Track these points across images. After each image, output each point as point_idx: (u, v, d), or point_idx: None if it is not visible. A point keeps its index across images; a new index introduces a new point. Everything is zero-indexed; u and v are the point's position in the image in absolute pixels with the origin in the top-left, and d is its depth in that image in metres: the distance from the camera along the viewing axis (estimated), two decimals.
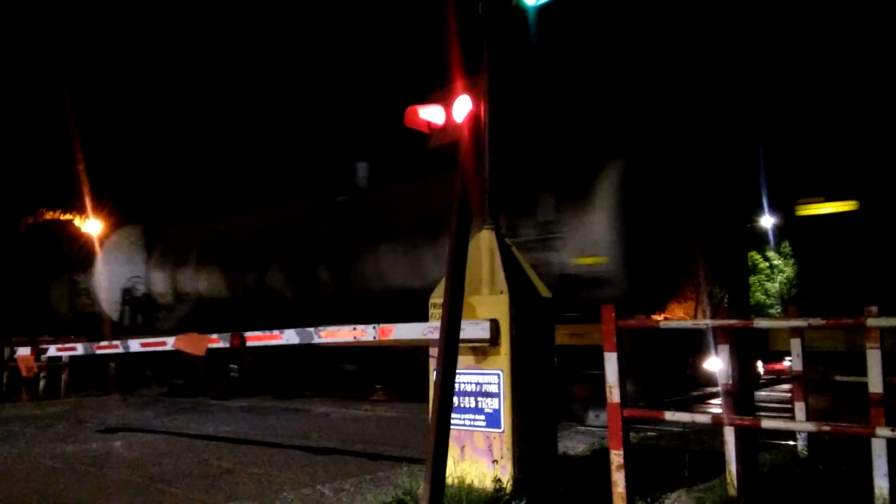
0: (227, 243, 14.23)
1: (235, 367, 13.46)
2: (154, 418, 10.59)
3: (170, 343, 7.62)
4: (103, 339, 13.31)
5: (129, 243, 16.18)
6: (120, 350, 8.56)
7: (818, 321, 3.87)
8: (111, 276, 15.92)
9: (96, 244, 16.86)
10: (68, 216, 34.19)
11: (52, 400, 13.45)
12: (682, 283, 9.51)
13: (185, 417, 10.64)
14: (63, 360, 13.72)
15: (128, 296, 15.72)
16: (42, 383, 13.90)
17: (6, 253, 21.24)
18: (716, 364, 5.10)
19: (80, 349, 9.11)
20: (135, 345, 8.45)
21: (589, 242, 9.04)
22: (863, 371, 4.72)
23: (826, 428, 3.81)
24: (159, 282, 15.47)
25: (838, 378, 6.85)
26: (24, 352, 9.81)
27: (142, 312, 15.73)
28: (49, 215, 34.26)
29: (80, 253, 17.88)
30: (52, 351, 9.79)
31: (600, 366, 4.32)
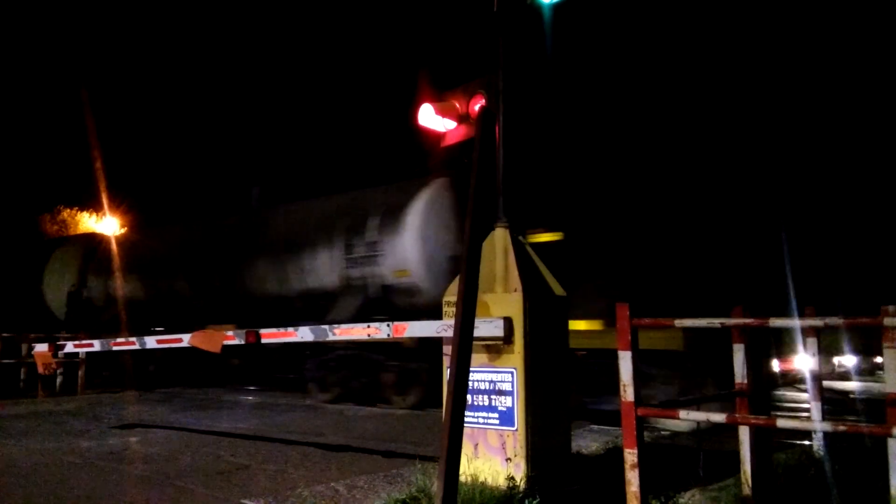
0: (146, 254, 16.54)
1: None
2: (170, 414, 10.67)
3: (186, 340, 7.68)
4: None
5: (69, 256, 18.66)
6: (136, 347, 8.61)
7: (836, 320, 3.85)
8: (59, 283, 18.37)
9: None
10: (84, 214, 34.52)
11: (69, 396, 13.59)
12: None
13: (200, 414, 10.72)
14: (80, 356, 13.84)
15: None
16: (59, 380, 14.03)
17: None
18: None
19: (97, 345, 9.19)
20: (151, 342, 8.51)
21: (400, 259, 11.26)
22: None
23: (842, 427, 3.78)
24: (94, 287, 17.79)
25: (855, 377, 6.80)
26: (41, 348, 9.89)
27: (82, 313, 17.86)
28: (66, 212, 34.63)
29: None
30: (70, 347, 9.86)
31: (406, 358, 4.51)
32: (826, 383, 7.13)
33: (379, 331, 5.99)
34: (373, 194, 12.29)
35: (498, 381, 5.35)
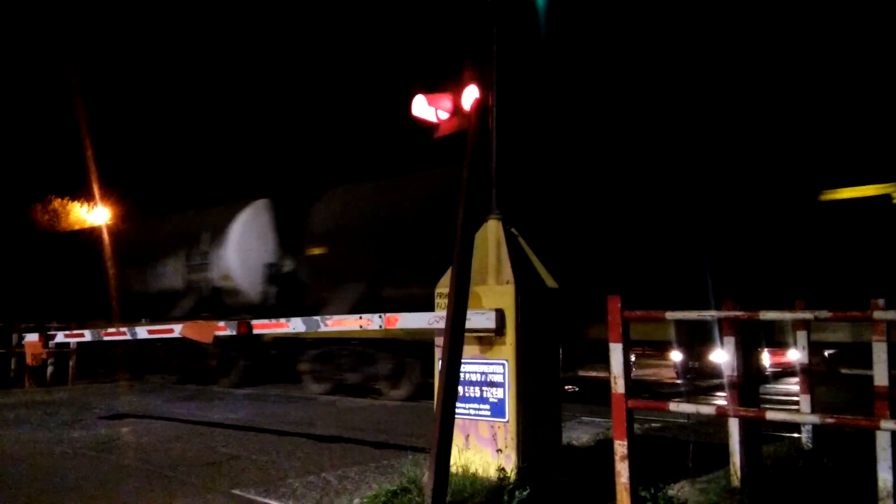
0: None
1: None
2: (161, 405, 10.66)
3: (177, 330, 7.65)
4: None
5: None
6: (127, 337, 8.59)
7: (825, 314, 3.86)
8: None
9: None
10: (75, 204, 34.33)
11: (60, 386, 13.55)
12: None
13: (191, 404, 10.71)
14: (71, 346, 13.80)
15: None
16: (50, 370, 13.99)
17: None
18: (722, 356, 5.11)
19: (87, 336, 9.15)
20: (142, 332, 8.49)
21: (224, 266, 13.89)
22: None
23: (830, 420, 3.80)
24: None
25: (844, 371, 6.85)
26: (32, 338, 9.85)
27: None
28: (57, 202, 34.43)
29: None
30: (60, 337, 9.81)
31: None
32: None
33: (371, 322, 5.98)
34: (207, 213, 15.14)
35: (489, 372, 5.35)
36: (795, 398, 7.06)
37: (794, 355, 6.75)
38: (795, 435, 6.71)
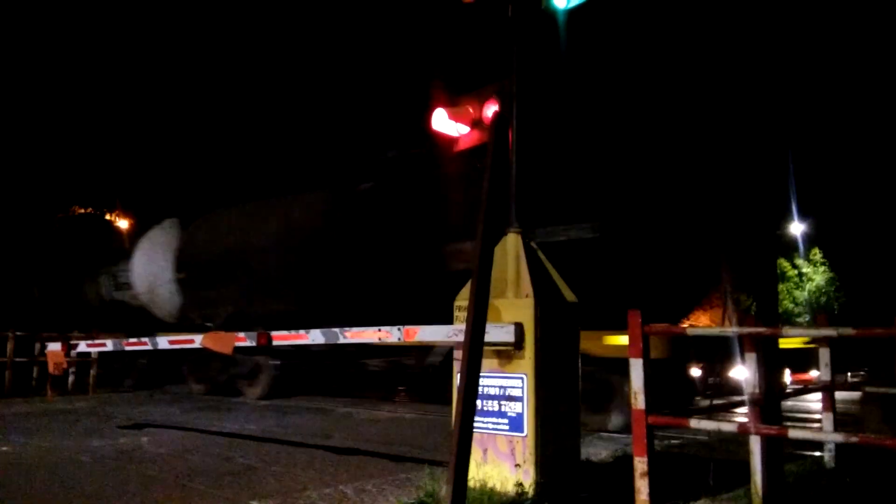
0: None
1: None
2: (180, 415, 10.71)
3: (198, 341, 7.70)
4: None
5: None
6: (149, 347, 8.65)
7: (848, 331, 3.82)
8: None
9: None
10: (99, 214, 34.75)
11: (81, 395, 13.66)
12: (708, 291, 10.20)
13: (210, 415, 10.76)
14: (92, 355, 13.91)
15: None
16: (71, 379, 14.11)
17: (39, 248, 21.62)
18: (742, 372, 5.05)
19: (109, 345, 9.24)
20: (163, 342, 8.56)
21: (129, 279, 15.94)
22: None
23: (854, 439, 3.75)
24: None
25: (868, 389, 6.75)
26: (54, 347, 9.95)
27: None
28: (81, 214, 34.82)
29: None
30: (82, 347, 9.91)
31: None
32: (839, 395, 7.08)
33: (390, 334, 5.99)
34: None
35: (508, 386, 5.34)
36: (817, 415, 6.97)
37: (816, 372, 6.67)
38: (818, 453, 6.62)
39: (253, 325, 10.13)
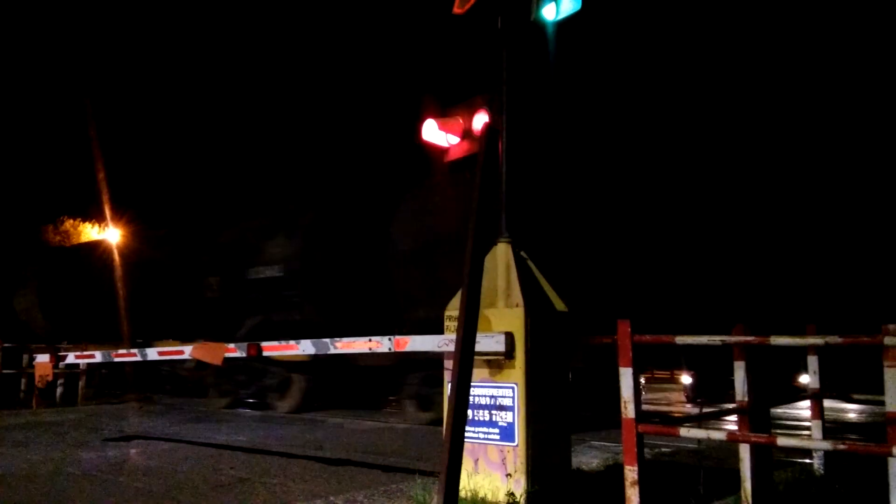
0: None
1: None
2: (169, 426, 10.65)
3: (187, 352, 7.68)
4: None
5: None
6: (138, 358, 8.62)
7: (836, 339, 3.86)
8: None
9: None
10: (87, 224, 34.56)
11: (69, 407, 13.57)
12: None
13: (199, 426, 10.70)
14: (80, 367, 13.83)
15: None
16: (59, 390, 14.02)
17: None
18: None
19: (98, 357, 9.19)
20: (152, 353, 8.52)
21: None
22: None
23: (842, 446, 3.78)
24: None
25: (856, 396, 6.80)
26: (42, 359, 9.90)
27: None
28: (69, 223, 34.67)
29: None
30: (71, 358, 9.86)
31: None
32: (828, 403, 7.12)
33: (380, 344, 6.00)
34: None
35: (499, 396, 5.35)
36: (806, 423, 7.00)
37: (805, 379, 6.71)
38: (807, 461, 6.65)
39: None
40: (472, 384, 4.63)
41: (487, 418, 5.38)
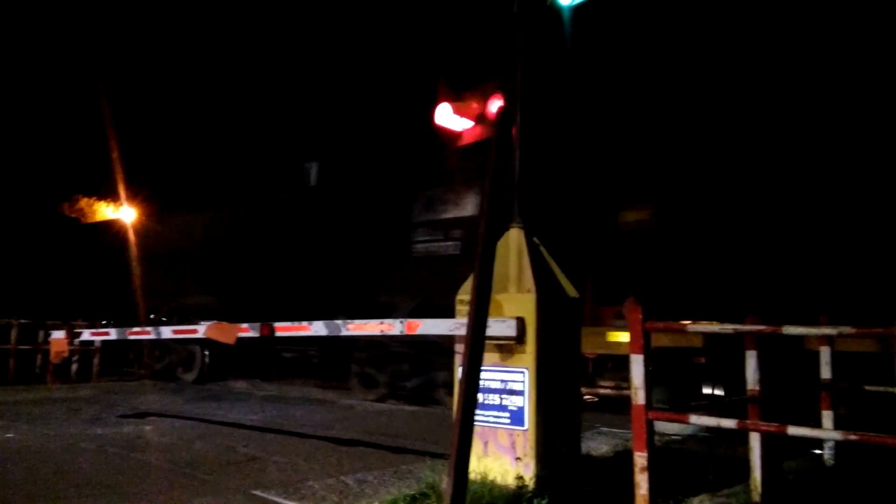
0: None
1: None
2: (183, 404, 10.77)
3: (201, 331, 7.75)
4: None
5: None
6: (152, 336, 8.70)
7: (848, 329, 3.84)
8: None
9: None
10: (102, 203, 34.72)
11: (84, 383, 13.74)
12: None
13: (213, 404, 10.82)
14: (95, 344, 13.98)
15: None
16: (74, 367, 14.18)
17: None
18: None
19: (113, 334, 9.29)
20: (166, 331, 8.60)
21: None
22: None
23: (853, 437, 3.78)
24: None
25: (868, 388, 6.77)
26: (58, 335, 10.01)
27: None
28: (84, 201, 34.84)
29: None
30: (86, 335, 9.97)
31: None
32: None
33: (392, 327, 6.03)
34: None
35: (509, 380, 5.37)
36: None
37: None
38: (818, 451, 6.65)
39: None
40: (482, 368, 4.65)
41: (498, 402, 5.41)
